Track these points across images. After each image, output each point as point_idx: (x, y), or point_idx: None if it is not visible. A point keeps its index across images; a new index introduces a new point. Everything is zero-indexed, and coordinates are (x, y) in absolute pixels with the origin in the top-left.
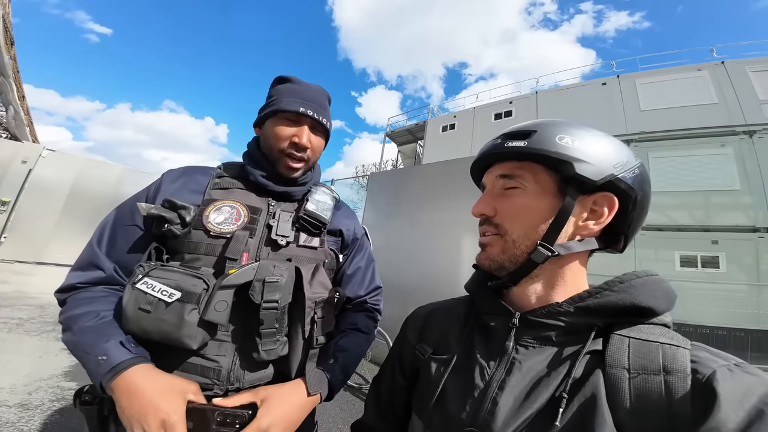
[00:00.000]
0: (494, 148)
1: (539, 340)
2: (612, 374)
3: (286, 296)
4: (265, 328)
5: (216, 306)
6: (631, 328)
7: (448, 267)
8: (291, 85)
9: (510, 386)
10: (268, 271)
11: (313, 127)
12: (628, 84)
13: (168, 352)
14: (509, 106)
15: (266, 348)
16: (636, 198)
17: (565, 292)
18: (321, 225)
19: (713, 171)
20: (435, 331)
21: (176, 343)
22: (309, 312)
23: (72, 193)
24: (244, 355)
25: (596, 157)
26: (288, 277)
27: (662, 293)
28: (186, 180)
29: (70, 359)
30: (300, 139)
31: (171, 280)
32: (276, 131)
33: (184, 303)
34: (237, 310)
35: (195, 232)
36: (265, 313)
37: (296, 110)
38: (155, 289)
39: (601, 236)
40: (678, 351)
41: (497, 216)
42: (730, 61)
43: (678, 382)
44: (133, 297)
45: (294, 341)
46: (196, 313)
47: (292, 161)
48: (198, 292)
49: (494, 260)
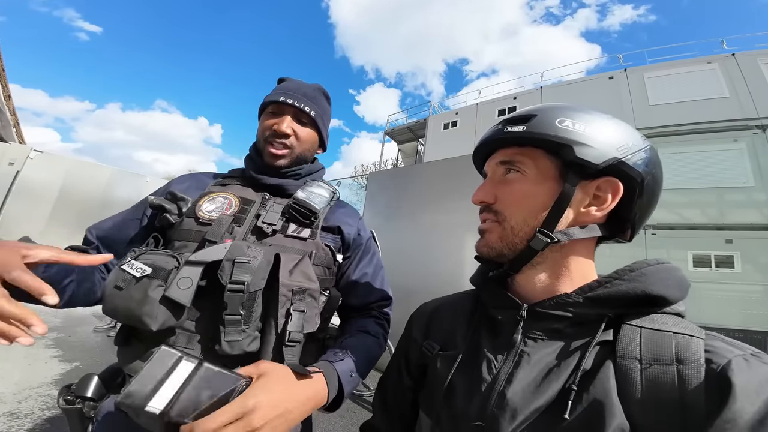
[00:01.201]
0: (495, 134)
1: (548, 333)
2: (623, 365)
3: (258, 281)
4: (229, 314)
5: (179, 283)
6: (643, 318)
7: (451, 269)
8: (284, 83)
9: (518, 379)
10: (241, 251)
11: (296, 117)
12: (636, 78)
13: (137, 340)
14: (513, 102)
15: (229, 339)
16: (643, 183)
17: (571, 282)
18: (311, 214)
19: (726, 167)
20: (441, 328)
21: (137, 322)
22: (284, 301)
23: (61, 195)
24: (210, 349)
25: (598, 140)
26: (264, 260)
27: (675, 281)
28: (193, 181)
29: (60, 367)
30: (279, 126)
31: (149, 259)
32: (261, 124)
33: (152, 279)
34: (209, 299)
35: (187, 220)
36: (229, 295)
37: (276, 100)
38: (132, 267)
39: (606, 224)
40: (692, 341)
41: (497, 203)
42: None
43: (691, 373)
44: (114, 276)
45: (266, 337)
46: (161, 290)
47: (273, 148)
48: (168, 268)
49: (492, 247)
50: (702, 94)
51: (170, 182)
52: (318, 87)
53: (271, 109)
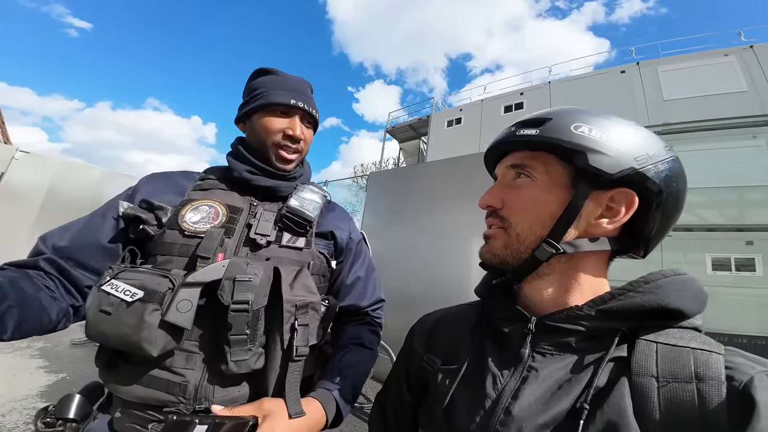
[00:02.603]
0: (507, 136)
1: (558, 347)
2: (639, 383)
3: (261, 298)
4: (234, 334)
5: (178, 306)
6: (659, 333)
7: (457, 275)
8: (275, 77)
9: (525, 396)
10: (240, 268)
11: (303, 119)
12: (650, 71)
13: (128, 363)
14: (520, 97)
15: (236, 358)
16: (661, 196)
17: (582, 295)
18: (306, 223)
19: (745, 165)
20: (444, 340)
21: (135, 348)
22: (288, 317)
23: (48, 198)
24: (214, 368)
25: (615, 147)
26: (264, 276)
27: (691, 293)
28: (167, 182)
29: (46, 378)
30: (294, 131)
31: (137, 280)
32: (266, 124)
33: (146, 303)
34: (207, 316)
35: (169, 232)
36: (234, 315)
37: (287, 102)
38: (119, 290)
39: (619, 237)
40: (711, 356)
41: (504, 208)
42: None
43: (712, 391)
44: (97, 299)
45: (271, 353)
46: (158, 314)
47: (287, 153)
48: (162, 291)
49: (496, 254)
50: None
51: (138, 183)
52: (307, 82)
53: (279, 109)
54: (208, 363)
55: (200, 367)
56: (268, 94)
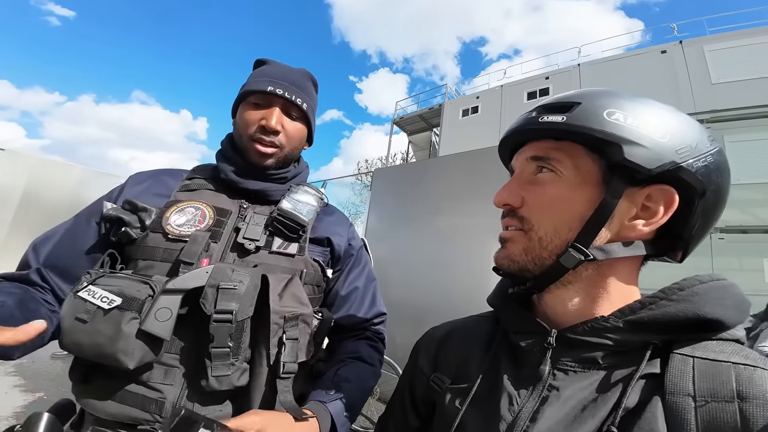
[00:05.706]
0: (527, 123)
1: (582, 363)
2: (674, 403)
3: (246, 308)
4: (216, 347)
5: (157, 314)
6: (695, 346)
7: (472, 283)
8: (265, 67)
9: (545, 418)
10: (225, 275)
11: (286, 109)
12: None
13: (102, 376)
14: (545, 82)
15: (217, 374)
16: (705, 194)
17: (610, 305)
18: (299, 228)
19: None
20: (453, 357)
21: (111, 360)
22: (276, 330)
23: (25, 198)
24: (195, 384)
25: (654, 139)
26: (251, 285)
27: (732, 302)
28: (152, 182)
29: (23, 398)
30: (268, 120)
31: (115, 286)
32: (244, 116)
33: (124, 311)
34: (190, 327)
35: (152, 236)
36: (216, 326)
37: (263, 89)
38: (96, 296)
39: (654, 240)
40: (755, 372)
41: (523, 207)
42: None
43: (756, 411)
44: (72, 306)
45: (256, 369)
46: (136, 323)
47: (261, 146)
48: (142, 298)
49: (514, 260)
50: None
51: (126, 182)
52: (305, 72)
53: (256, 99)
54: (189, 378)
55: (180, 383)
56: (249, 83)
